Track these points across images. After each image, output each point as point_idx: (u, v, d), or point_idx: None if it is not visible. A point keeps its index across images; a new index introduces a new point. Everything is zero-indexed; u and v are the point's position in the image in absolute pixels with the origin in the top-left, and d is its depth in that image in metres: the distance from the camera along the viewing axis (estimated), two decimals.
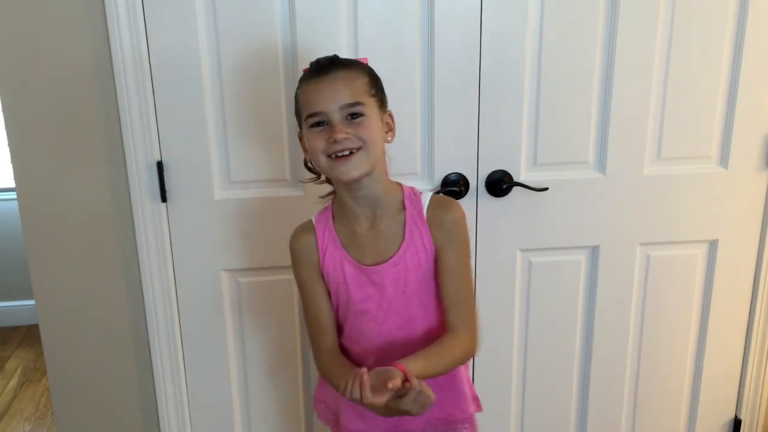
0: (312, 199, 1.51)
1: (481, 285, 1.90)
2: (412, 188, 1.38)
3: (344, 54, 1.66)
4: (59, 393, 1.91)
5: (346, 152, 1.23)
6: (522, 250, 1.90)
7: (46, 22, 1.63)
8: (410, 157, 1.79)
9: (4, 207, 3.36)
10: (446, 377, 1.38)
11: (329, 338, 1.39)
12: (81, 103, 1.69)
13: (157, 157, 1.72)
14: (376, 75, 1.32)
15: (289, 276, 1.81)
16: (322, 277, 1.37)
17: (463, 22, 1.70)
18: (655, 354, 2.02)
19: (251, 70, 1.69)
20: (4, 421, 2.76)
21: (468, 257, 1.37)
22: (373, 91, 1.28)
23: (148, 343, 1.85)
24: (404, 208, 1.34)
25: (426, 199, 1.35)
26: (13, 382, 3.03)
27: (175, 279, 1.82)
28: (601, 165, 1.85)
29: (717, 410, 2.09)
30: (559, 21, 1.73)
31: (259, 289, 1.86)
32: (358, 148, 1.24)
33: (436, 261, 1.34)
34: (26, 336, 3.38)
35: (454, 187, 1.80)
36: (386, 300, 1.33)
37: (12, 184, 3.19)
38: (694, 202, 1.89)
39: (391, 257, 1.32)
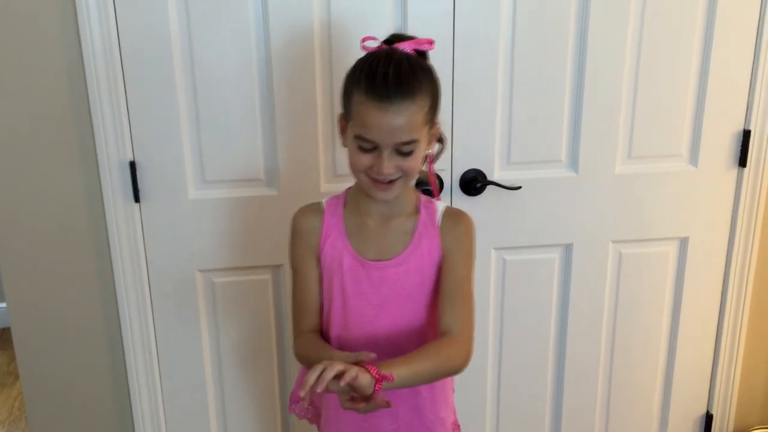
0: (286, 198, 1.51)
1: None
2: (427, 197, 1.38)
3: (318, 56, 1.68)
4: (33, 397, 1.89)
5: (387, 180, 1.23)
6: (496, 249, 1.91)
7: (17, 24, 1.61)
8: None
9: None
10: (430, 398, 1.37)
11: (312, 320, 1.37)
12: (53, 104, 1.67)
13: (130, 157, 1.71)
14: (438, 90, 1.25)
15: (265, 276, 1.84)
16: (318, 260, 1.35)
17: (436, 24, 1.71)
18: (628, 350, 2.04)
19: (224, 67, 1.68)
20: None
21: (472, 268, 1.35)
22: (430, 116, 1.23)
23: (122, 344, 1.84)
24: (418, 212, 1.34)
25: (440, 207, 1.35)
26: None
27: (149, 279, 1.81)
28: (574, 164, 1.87)
29: (689, 405, 2.12)
30: (531, 23, 1.74)
31: (234, 289, 1.85)
32: (399, 177, 1.23)
33: (441, 265, 1.33)
34: None
35: (428, 186, 1.81)
36: (380, 298, 1.32)
37: None
38: (665, 200, 1.92)
39: (395, 256, 1.31)
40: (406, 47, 1.22)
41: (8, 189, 1.72)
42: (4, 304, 3.28)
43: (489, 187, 1.84)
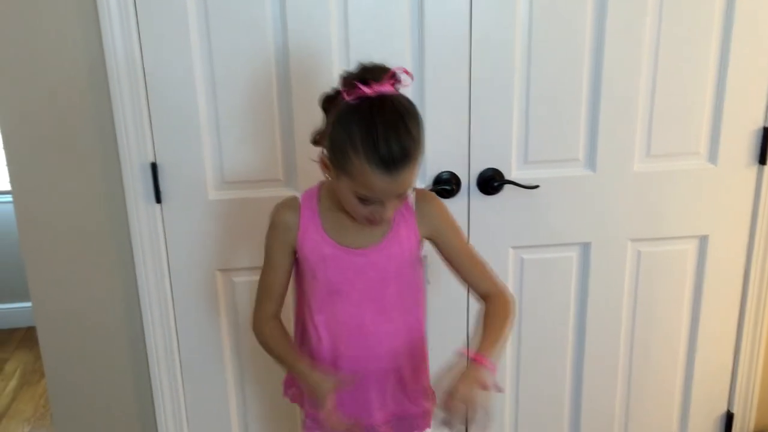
0: None
1: None
2: None
3: (335, 56, 1.70)
4: (57, 394, 1.93)
5: None
6: (514, 248, 1.92)
7: (40, 28, 1.64)
8: None
9: (1, 210, 3.36)
10: (412, 371, 1.43)
11: (274, 306, 1.42)
12: (76, 107, 1.70)
13: (151, 159, 1.73)
14: (423, 130, 1.26)
15: None
16: (293, 255, 1.39)
17: (453, 22, 1.72)
18: (648, 349, 2.04)
19: (243, 70, 1.70)
20: (3, 422, 2.78)
21: (464, 236, 1.43)
22: (422, 154, 1.26)
23: (144, 343, 1.87)
24: None
25: (410, 193, 1.39)
26: (13, 384, 3.04)
27: (170, 279, 1.84)
28: (592, 162, 1.86)
29: (709, 404, 2.11)
30: (548, 20, 1.74)
31: (254, 288, 1.86)
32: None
33: (441, 249, 1.40)
34: (24, 338, 3.39)
35: (446, 185, 1.82)
36: (365, 284, 1.36)
37: (8, 187, 3.21)
38: (684, 198, 1.91)
39: (376, 244, 1.35)
40: (388, 89, 1.22)
41: (33, 191, 1.76)
42: (29, 303, 3.34)
43: (506, 186, 1.84)
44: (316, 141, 1.31)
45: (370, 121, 1.18)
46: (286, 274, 1.42)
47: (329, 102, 1.27)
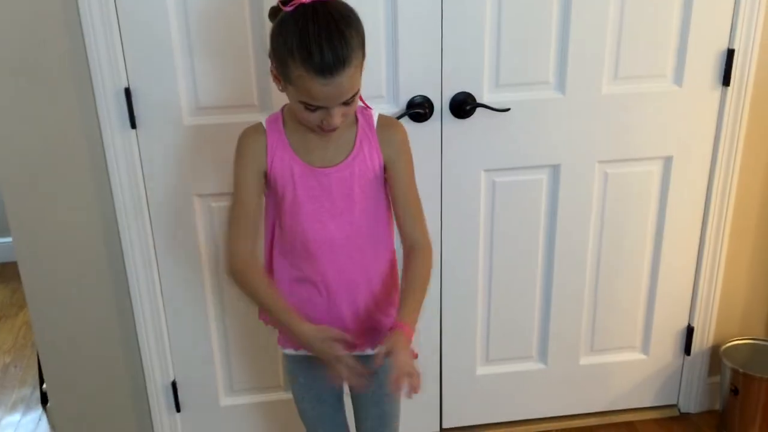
0: None
1: (447, 205, 1.97)
2: (362, 106, 1.44)
3: None
4: (40, 327, 1.96)
5: None
6: (486, 171, 1.96)
7: None
8: (376, 81, 1.82)
9: None
10: (382, 284, 1.48)
11: (249, 243, 1.42)
12: (46, 31, 1.69)
13: (125, 84, 1.73)
14: (363, 33, 1.29)
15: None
16: (263, 178, 1.41)
17: None
18: (613, 266, 2.12)
19: None
20: None
21: (413, 173, 1.46)
22: (362, 61, 1.29)
23: (124, 266, 1.90)
24: (356, 121, 1.42)
25: (375, 114, 1.43)
26: None
27: (148, 205, 1.86)
28: (561, 85, 1.90)
29: (671, 319, 2.21)
30: None
31: None
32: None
33: (389, 176, 1.43)
34: (0, 273, 3.40)
35: (419, 109, 1.84)
36: (331, 201, 1.40)
37: None
38: (650, 119, 1.96)
39: (341, 162, 1.39)
40: None
41: (6, 119, 1.75)
42: (2, 240, 3.34)
43: (478, 110, 1.87)
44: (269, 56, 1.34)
45: (303, 28, 1.21)
46: (257, 205, 1.43)
47: (274, 15, 1.30)
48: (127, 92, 1.74)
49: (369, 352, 1.51)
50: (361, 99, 1.42)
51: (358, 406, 1.61)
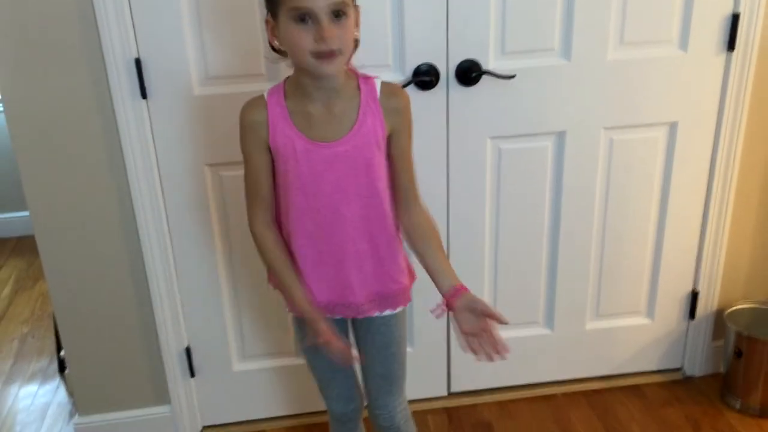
0: None
1: (454, 172, 2.00)
2: (364, 74, 1.43)
3: None
4: (58, 295, 2.01)
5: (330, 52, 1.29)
6: (492, 138, 1.98)
7: None
8: (382, 49, 1.84)
9: None
10: (388, 251, 1.50)
11: (265, 213, 1.48)
12: (58, 4, 1.71)
13: (135, 54, 1.76)
14: None
15: None
16: (269, 151, 1.43)
17: None
18: (619, 232, 2.15)
19: None
20: (2, 324, 2.88)
21: (412, 142, 1.48)
22: None
23: (138, 236, 1.94)
24: (359, 92, 1.41)
25: (378, 85, 1.42)
26: (7, 290, 3.13)
27: (159, 174, 1.89)
28: (566, 52, 1.91)
29: (676, 284, 2.24)
30: None
31: (242, 183, 1.92)
32: (339, 50, 1.29)
33: (391, 145, 1.43)
34: (16, 247, 3.46)
35: (425, 77, 1.86)
36: (336, 175, 1.40)
37: None
38: (656, 85, 1.98)
39: (344, 136, 1.39)
40: None
41: (21, 91, 1.78)
42: (20, 213, 3.40)
43: (484, 77, 1.89)
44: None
45: None
46: (268, 173, 1.45)
47: None
48: (138, 62, 1.77)
49: (376, 314, 1.55)
50: (360, 73, 1.42)
51: (364, 366, 1.65)
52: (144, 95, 1.80)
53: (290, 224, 1.47)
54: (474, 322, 1.39)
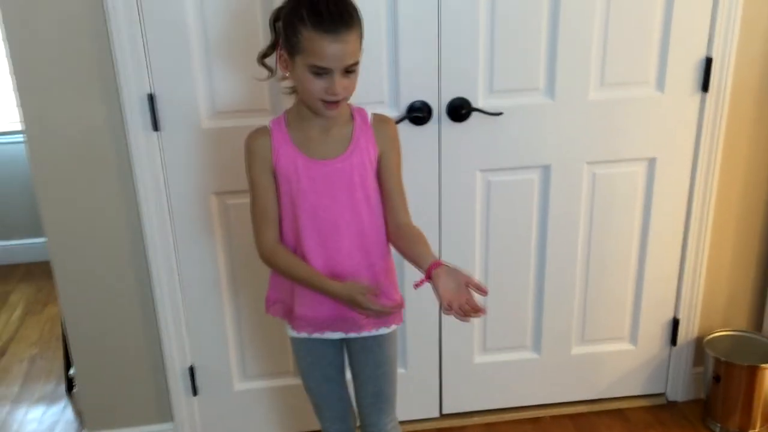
0: None
1: (445, 203, 2.12)
2: (357, 106, 1.60)
3: None
4: (71, 315, 2.13)
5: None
6: (481, 171, 2.11)
7: None
8: (378, 87, 1.98)
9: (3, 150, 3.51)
10: (383, 265, 1.63)
11: (274, 232, 1.61)
12: (79, 46, 1.86)
13: (149, 90, 1.90)
14: (361, 19, 1.47)
15: None
16: (274, 175, 1.58)
17: None
18: (602, 262, 2.26)
19: (231, 7, 1.86)
20: (12, 346, 2.99)
21: (401, 167, 1.62)
22: (361, 41, 1.47)
23: (147, 261, 2.06)
24: (353, 119, 1.58)
25: (368, 112, 1.60)
26: (18, 313, 3.24)
27: (169, 201, 2.02)
28: (551, 91, 2.05)
29: (658, 311, 2.35)
30: None
31: (246, 210, 2.04)
32: (345, 98, 1.48)
33: (382, 166, 1.59)
34: (26, 272, 3.57)
35: (418, 113, 2.00)
36: (333, 190, 1.56)
37: (12, 128, 3.38)
38: (635, 123, 2.11)
39: (341, 154, 1.56)
40: None
41: (40, 123, 1.92)
42: (29, 240, 3.52)
43: (474, 114, 2.03)
44: (272, 47, 1.53)
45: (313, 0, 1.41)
46: (273, 196, 1.59)
47: (278, 12, 1.49)
48: (151, 98, 1.90)
49: (374, 332, 1.66)
50: (353, 105, 1.58)
51: (357, 384, 1.76)
52: (156, 128, 1.94)
53: (295, 243, 1.60)
54: (455, 290, 1.43)
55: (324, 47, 1.40)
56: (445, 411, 2.39)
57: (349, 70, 1.45)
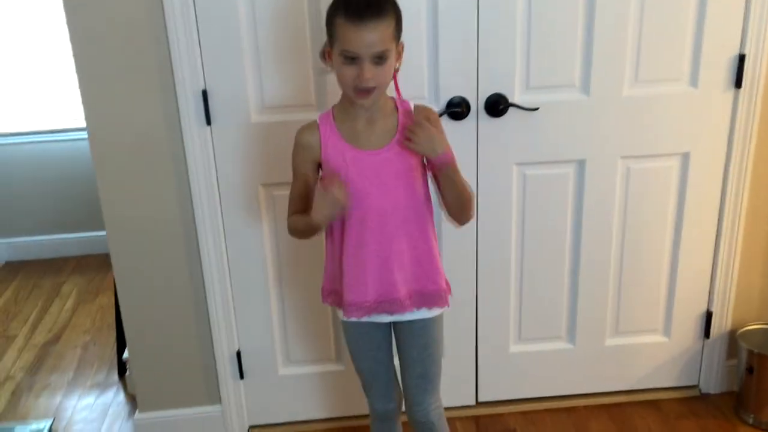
0: None
1: (482, 196, 2.20)
2: (401, 99, 1.69)
3: None
4: (127, 302, 2.25)
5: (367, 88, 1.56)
6: (517, 165, 2.18)
7: None
8: (418, 83, 2.07)
9: (51, 148, 3.67)
10: (426, 250, 1.71)
11: (301, 208, 1.73)
12: (137, 44, 1.98)
13: (202, 86, 2.01)
14: (400, 12, 1.57)
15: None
16: (317, 170, 1.70)
17: None
18: (636, 254, 2.31)
19: (279, 6, 1.97)
20: (66, 333, 3.13)
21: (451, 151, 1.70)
22: (396, 33, 1.57)
23: (198, 250, 2.18)
24: (396, 110, 1.67)
25: (411, 104, 1.70)
26: (70, 302, 3.40)
27: (219, 192, 2.13)
28: (586, 88, 2.11)
29: (691, 304, 2.39)
30: None
31: None
32: (376, 87, 1.56)
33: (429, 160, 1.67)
34: (77, 265, 3.73)
35: (457, 108, 2.08)
36: (380, 179, 1.65)
37: (71, 125, 3.55)
38: (668, 119, 2.16)
39: (387, 144, 1.65)
40: None
41: (102, 118, 2.05)
42: (81, 234, 3.68)
43: (511, 109, 2.10)
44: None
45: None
46: (309, 186, 1.71)
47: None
48: (204, 93, 2.02)
49: (416, 314, 1.75)
50: (398, 92, 1.67)
51: (404, 367, 1.84)
52: (209, 122, 2.05)
53: (343, 230, 1.69)
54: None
55: (351, 32, 1.50)
56: (481, 399, 2.46)
57: (379, 59, 1.53)
